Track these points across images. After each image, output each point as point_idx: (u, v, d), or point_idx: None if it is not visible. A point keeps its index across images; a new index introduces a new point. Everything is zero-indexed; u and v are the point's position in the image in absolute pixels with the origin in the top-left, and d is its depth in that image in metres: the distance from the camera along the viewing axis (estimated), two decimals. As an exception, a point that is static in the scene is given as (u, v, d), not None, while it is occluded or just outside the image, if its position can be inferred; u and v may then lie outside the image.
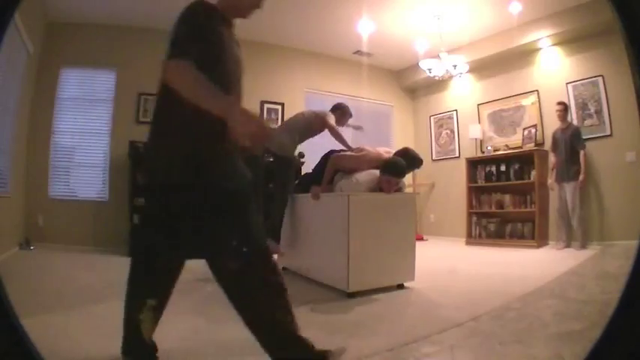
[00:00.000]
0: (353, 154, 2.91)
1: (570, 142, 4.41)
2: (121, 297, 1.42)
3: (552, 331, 1.70)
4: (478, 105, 5.89)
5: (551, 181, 4.62)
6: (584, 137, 4.45)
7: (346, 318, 2.06)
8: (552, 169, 4.62)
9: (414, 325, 1.86)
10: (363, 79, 6.21)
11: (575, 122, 4.66)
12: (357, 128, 3.95)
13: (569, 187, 4.37)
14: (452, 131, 6.28)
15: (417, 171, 4.28)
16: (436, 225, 6.31)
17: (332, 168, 2.86)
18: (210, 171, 1.20)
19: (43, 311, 1.95)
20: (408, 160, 2.73)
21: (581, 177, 4.29)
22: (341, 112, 3.45)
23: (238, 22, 1.47)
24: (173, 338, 1.72)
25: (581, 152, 4.35)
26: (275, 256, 2.01)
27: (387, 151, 2.99)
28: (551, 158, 4.65)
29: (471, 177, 5.58)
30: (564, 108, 4.52)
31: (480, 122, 5.81)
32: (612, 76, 4.36)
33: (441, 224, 6.22)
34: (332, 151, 3.18)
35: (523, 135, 5.18)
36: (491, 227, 5.28)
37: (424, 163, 3.13)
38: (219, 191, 1.20)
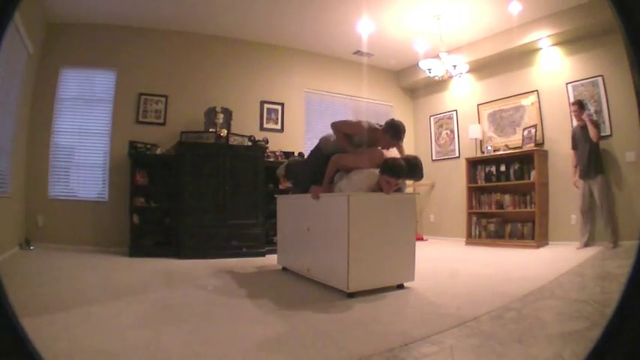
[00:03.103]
0: (352, 155, 2.88)
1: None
2: (119, 297, 1.42)
3: (552, 331, 1.70)
4: (478, 105, 5.89)
5: (575, 178, 4.45)
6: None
7: (346, 318, 2.06)
8: (575, 167, 4.47)
9: (414, 325, 1.86)
10: (363, 79, 6.21)
11: (575, 122, 4.67)
12: None
13: (595, 184, 4.21)
14: (452, 131, 6.29)
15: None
16: (436, 225, 6.31)
17: (333, 168, 2.86)
18: None
19: (43, 311, 1.95)
20: (409, 167, 2.68)
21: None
22: (387, 134, 2.83)
23: (239, 23, 1.48)
24: (172, 338, 1.72)
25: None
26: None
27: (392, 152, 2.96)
28: (573, 157, 4.49)
29: (471, 177, 5.59)
30: (580, 106, 4.39)
31: (479, 122, 5.81)
32: (612, 76, 4.36)
33: (441, 224, 6.22)
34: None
35: (523, 135, 5.18)
36: (491, 227, 5.28)
37: (424, 163, 3.11)
38: None
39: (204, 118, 4.87)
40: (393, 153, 2.91)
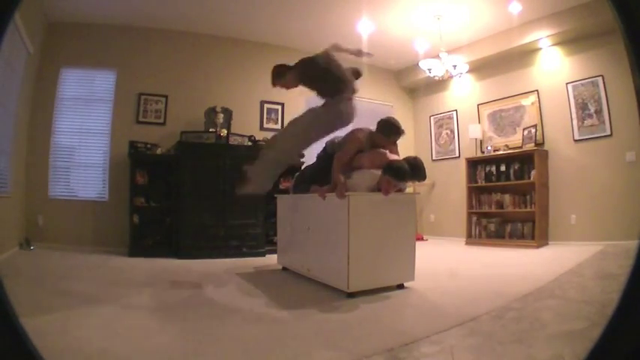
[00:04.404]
0: (350, 154, 2.86)
1: None
2: (119, 297, 1.42)
3: (552, 331, 1.70)
4: (478, 105, 5.89)
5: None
6: (584, 137, 4.47)
7: (346, 318, 2.06)
8: None
9: (414, 325, 1.87)
10: (363, 79, 6.19)
11: (575, 122, 4.68)
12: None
13: None
14: (452, 131, 6.28)
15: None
16: (436, 225, 6.31)
17: (337, 165, 2.83)
18: None
19: (43, 311, 1.95)
20: (412, 169, 2.64)
21: None
22: (380, 132, 2.90)
23: (239, 23, 1.48)
24: (172, 338, 1.72)
25: None
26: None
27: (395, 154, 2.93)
28: None
29: (471, 177, 5.58)
30: None
31: (479, 122, 5.81)
32: (612, 76, 4.36)
33: (441, 224, 6.22)
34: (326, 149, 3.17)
35: (523, 135, 5.18)
36: (491, 227, 5.28)
37: (424, 163, 3.09)
38: None
39: (204, 118, 4.87)
40: (395, 154, 2.90)
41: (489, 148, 5.57)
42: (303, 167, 4.10)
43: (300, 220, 3.14)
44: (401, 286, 2.68)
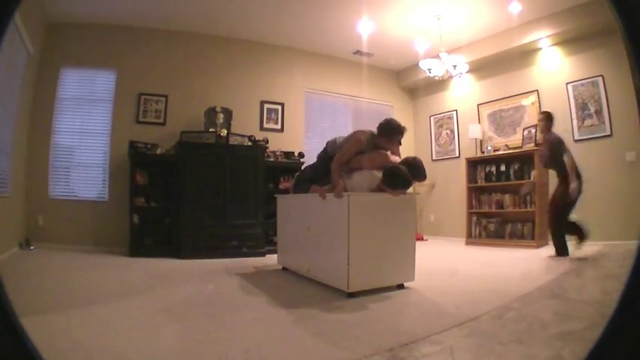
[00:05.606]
0: (350, 155, 2.86)
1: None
2: (119, 297, 1.42)
3: (552, 331, 1.70)
4: (478, 105, 5.89)
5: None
6: (584, 137, 4.48)
7: (346, 318, 2.06)
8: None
9: (414, 325, 1.86)
10: (363, 79, 6.21)
11: (575, 122, 4.68)
12: None
13: None
14: (452, 131, 6.29)
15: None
16: (436, 225, 6.31)
17: (336, 166, 2.83)
18: None
19: (43, 311, 1.95)
20: (410, 170, 2.65)
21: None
22: (381, 135, 2.83)
23: (238, 22, 1.47)
24: (172, 338, 1.72)
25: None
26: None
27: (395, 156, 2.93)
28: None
29: (471, 177, 5.58)
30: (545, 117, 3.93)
31: (479, 122, 5.81)
32: (612, 76, 4.36)
33: (441, 224, 6.22)
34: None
35: (523, 135, 5.18)
36: (491, 227, 5.28)
37: (424, 163, 3.09)
38: None
39: (204, 118, 4.87)
40: (397, 154, 2.90)
41: (489, 148, 5.57)
42: (303, 167, 4.11)
43: (300, 220, 3.14)
44: (401, 286, 2.67)
